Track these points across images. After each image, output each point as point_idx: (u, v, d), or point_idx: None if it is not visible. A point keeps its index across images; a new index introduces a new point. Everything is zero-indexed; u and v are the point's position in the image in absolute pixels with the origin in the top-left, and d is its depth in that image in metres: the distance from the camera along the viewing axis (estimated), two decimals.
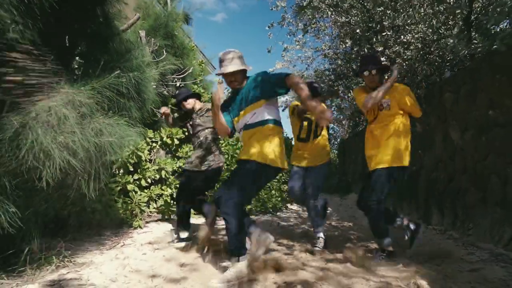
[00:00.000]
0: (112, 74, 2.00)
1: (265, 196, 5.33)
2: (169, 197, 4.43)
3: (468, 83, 3.21)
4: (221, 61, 2.11)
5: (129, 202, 3.85)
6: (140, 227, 3.49)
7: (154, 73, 2.92)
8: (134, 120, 2.37)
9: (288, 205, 6.41)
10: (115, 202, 3.74)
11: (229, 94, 2.29)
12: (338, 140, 13.97)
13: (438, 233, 3.34)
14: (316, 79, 10.15)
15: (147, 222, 3.81)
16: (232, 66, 2.06)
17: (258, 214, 4.89)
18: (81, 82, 1.84)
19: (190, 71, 4.78)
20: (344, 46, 6.19)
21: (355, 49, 5.68)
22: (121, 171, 4.10)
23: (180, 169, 4.83)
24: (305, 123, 3.01)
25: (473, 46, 3.03)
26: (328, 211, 6.16)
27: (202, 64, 6.03)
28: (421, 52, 4.49)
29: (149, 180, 4.37)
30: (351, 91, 5.62)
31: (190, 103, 3.18)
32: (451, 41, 3.09)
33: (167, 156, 4.89)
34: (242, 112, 2.10)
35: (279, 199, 5.54)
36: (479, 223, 2.85)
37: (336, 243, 3.03)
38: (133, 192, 3.97)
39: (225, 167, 5.34)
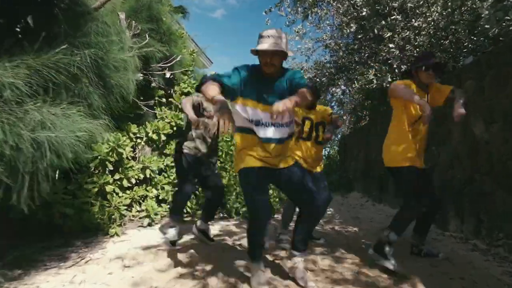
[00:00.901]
0: (58, 49, 1.54)
1: None
2: (154, 199, 4.00)
3: (494, 68, 2.77)
4: (261, 37, 1.77)
5: (107, 205, 3.42)
6: (117, 235, 3.07)
7: (128, 56, 2.48)
8: (97, 111, 1.93)
9: None
10: (91, 206, 3.31)
11: (251, 75, 1.85)
12: (339, 136, 13.54)
13: (459, 241, 2.92)
14: (316, 72, 9.70)
15: (127, 229, 3.38)
16: (275, 45, 1.72)
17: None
18: (9, 58, 1.40)
19: (178, 59, 4.32)
20: (347, 31, 5.71)
21: (359, 36, 5.22)
22: (100, 170, 3.66)
23: (167, 167, 4.40)
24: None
25: (504, 24, 2.59)
26: (329, 212, 5.76)
27: (194, 54, 5.57)
28: (434, 38, 4.03)
29: (133, 180, 3.93)
30: (354, 83, 5.18)
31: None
32: (486, 12, 2.63)
33: (154, 154, 4.45)
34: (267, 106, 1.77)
35: (277, 199, 5.09)
36: (511, 233, 2.43)
37: (344, 259, 2.60)
38: (112, 194, 3.54)
39: (219, 164, 4.91)
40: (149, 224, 3.53)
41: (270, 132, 1.82)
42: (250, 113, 1.81)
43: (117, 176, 3.83)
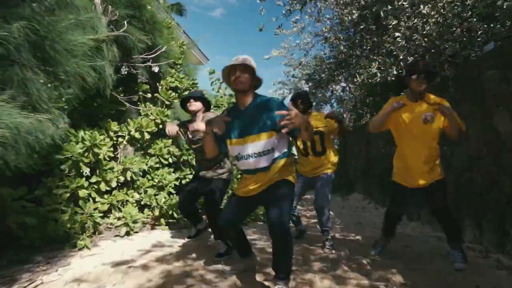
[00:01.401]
0: None
1: None
2: (135, 204, 3.62)
3: None
4: (233, 59, 1.87)
5: (80, 212, 3.03)
6: (87, 248, 2.68)
7: (88, 39, 2.09)
8: (39, 103, 1.54)
9: None
10: (61, 213, 2.93)
11: (227, 111, 1.97)
12: None
13: (478, 255, 2.54)
14: (315, 68, 9.31)
15: (102, 239, 2.99)
16: (245, 60, 1.84)
17: (247, 224, 4.08)
18: None
19: (163, 50, 3.92)
20: (348, 20, 5.32)
21: (361, 27, 4.83)
22: (73, 172, 3.27)
23: (151, 169, 4.01)
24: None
25: None
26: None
27: (183, 47, 5.17)
28: (444, 27, 3.64)
29: (113, 183, 3.55)
30: (356, 77, 4.79)
31: (196, 105, 2.82)
32: None
33: (137, 154, 4.06)
34: (255, 136, 1.83)
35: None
36: None
37: (347, 279, 2.22)
38: (86, 200, 3.15)
39: None
40: (127, 233, 3.15)
41: (251, 164, 1.86)
42: (231, 149, 1.92)
43: (94, 179, 3.45)
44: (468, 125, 2.93)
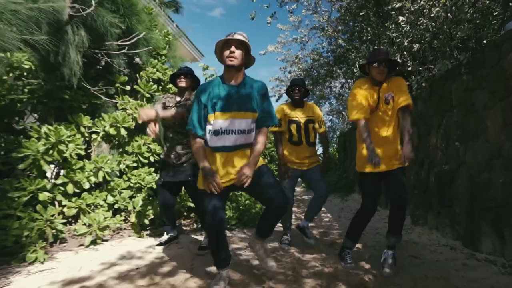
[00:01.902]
0: None
1: (246, 202, 4.11)
2: (106, 208, 3.22)
3: None
4: (228, 34, 1.85)
5: (39, 219, 2.63)
6: (40, 261, 2.28)
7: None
8: None
9: None
10: (17, 220, 2.53)
11: (209, 81, 1.95)
12: (338, 133, 12.80)
13: (499, 270, 2.15)
14: (313, 63, 8.92)
15: (62, 250, 2.59)
16: (240, 36, 1.82)
17: (233, 229, 3.68)
18: None
19: (140, 36, 3.52)
20: (348, 5, 4.92)
21: (361, 13, 4.44)
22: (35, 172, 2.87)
23: (127, 169, 3.61)
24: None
25: None
26: (327, 219, 4.99)
27: (169, 36, 4.77)
28: (454, 7, 3.24)
29: (86, 185, 3.16)
30: (355, 68, 4.39)
31: (185, 82, 2.80)
32: None
33: (112, 152, 3.66)
34: (237, 113, 1.83)
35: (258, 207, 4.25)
36: None
37: None
38: (46, 204, 2.75)
39: None
40: (93, 243, 2.74)
41: (231, 140, 1.83)
42: (213, 124, 1.82)
43: (60, 180, 3.06)
44: (485, 117, 2.54)
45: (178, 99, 2.84)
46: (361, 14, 4.55)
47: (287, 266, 2.35)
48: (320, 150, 9.01)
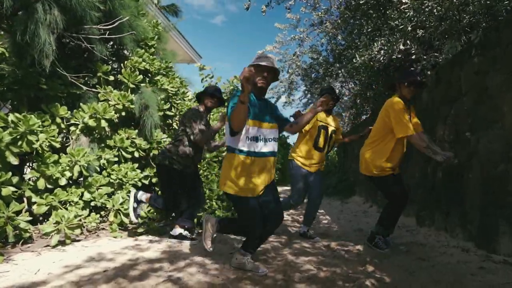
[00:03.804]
0: None
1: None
2: (81, 205, 2.93)
3: None
4: (261, 57, 2.03)
5: (0, 216, 2.34)
6: None
7: None
8: None
9: None
10: None
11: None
12: None
13: None
14: (311, 63, 8.68)
15: (22, 251, 2.29)
16: (275, 64, 2.02)
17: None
18: None
19: (123, 20, 3.27)
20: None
21: (361, 2, 4.20)
22: None
23: (108, 163, 3.33)
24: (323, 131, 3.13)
25: None
26: (325, 221, 4.68)
27: (158, 27, 4.53)
28: None
29: (63, 181, 2.88)
30: (355, 59, 4.13)
31: (214, 102, 2.95)
32: None
33: (92, 146, 3.38)
34: (268, 124, 2.06)
35: None
36: None
37: None
38: (10, 199, 2.46)
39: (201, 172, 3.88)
40: (62, 243, 2.45)
41: (268, 147, 2.03)
42: (251, 131, 1.96)
43: (30, 175, 2.78)
44: (501, 102, 2.26)
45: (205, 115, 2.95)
46: (361, 6, 4.30)
47: (278, 269, 2.06)
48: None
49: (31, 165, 3.19)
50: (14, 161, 2.61)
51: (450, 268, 2.10)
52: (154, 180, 3.72)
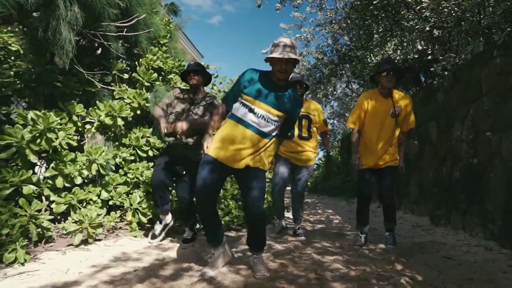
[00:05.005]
0: None
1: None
2: (100, 204, 2.90)
3: None
4: (277, 45, 1.90)
5: (23, 215, 2.30)
6: (20, 263, 1.95)
7: None
8: None
9: None
10: None
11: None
12: (339, 136, 12.58)
13: None
14: (316, 63, 8.71)
15: (47, 250, 2.26)
16: (291, 54, 1.87)
17: (240, 229, 3.36)
18: None
19: (140, 18, 3.24)
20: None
21: (374, 1, 4.22)
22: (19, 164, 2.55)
23: (124, 162, 3.29)
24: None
25: None
26: (337, 221, 4.69)
27: (170, 25, 4.50)
28: None
29: (78, 180, 2.84)
30: (369, 58, 4.14)
31: (197, 79, 2.77)
32: None
33: (108, 144, 3.34)
34: (271, 108, 1.93)
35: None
36: None
37: None
38: (31, 198, 2.42)
39: None
40: (84, 242, 2.41)
41: (258, 123, 1.91)
42: (247, 105, 1.93)
43: (49, 173, 2.73)
44: None
45: (190, 96, 2.83)
46: (369, 7, 4.31)
47: (308, 268, 2.05)
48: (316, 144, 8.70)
49: (42, 163, 3.15)
50: (34, 159, 2.57)
51: (478, 266, 2.11)
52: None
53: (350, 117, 2.80)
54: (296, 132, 3.03)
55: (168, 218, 2.74)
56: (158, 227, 2.70)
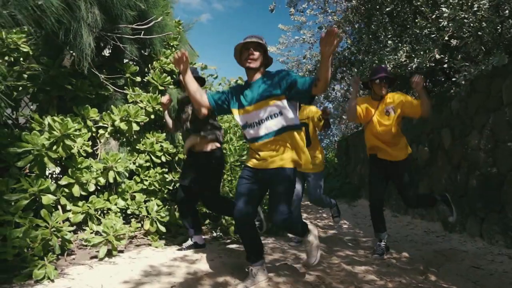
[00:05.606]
0: None
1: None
2: (119, 213, 2.80)
3: None
4: (245, 38, 1.91)
5: (43, 226, 2.19)
6: (50, 279, 1.85)
7: None
8: None
9: None
10: (14, 228, 2.08)
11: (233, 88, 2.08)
12: (336, 138, 12.67)
13: None
14: (316, 65, 8.72)
15: (71, 264, 2.16)
16: (258, 38, 1.88)
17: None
18: None
19: (158, 20, 3.15)
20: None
21: (387, 9, 4.24)
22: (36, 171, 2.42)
23: (140, 169, 3.19)
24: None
25: None
26: (346, 226, 4.69)
27: (180, 27, 4.40)
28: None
29: (91, 187, 2.73)
30: (385, 63, 4.16)
31: None
32: None
33: (122, 150, 3.24)
34: (253, 106, 1.88)
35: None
36: None
37: None
38: (50, 209, 2.31)
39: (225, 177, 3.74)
40: (109, 254, 2.32)
41: (260, 131, 1.88)
42: (240, 121, 1.95)
43: (66, 181, 2.62)
44: None
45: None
46: (375, 13, 4.33)
47: (345, 281, 2.02)
48: (317, 150, 8.67)
49: (53, 171, 3.02)
50: (52, 167, 2.45)
51: (510, 276, 2.14)
52: (178, 185, 3.60)
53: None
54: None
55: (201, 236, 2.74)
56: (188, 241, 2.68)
